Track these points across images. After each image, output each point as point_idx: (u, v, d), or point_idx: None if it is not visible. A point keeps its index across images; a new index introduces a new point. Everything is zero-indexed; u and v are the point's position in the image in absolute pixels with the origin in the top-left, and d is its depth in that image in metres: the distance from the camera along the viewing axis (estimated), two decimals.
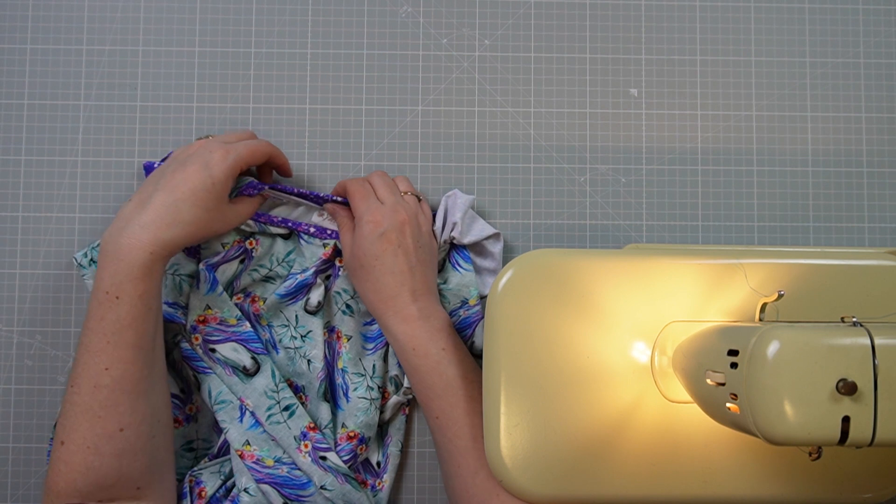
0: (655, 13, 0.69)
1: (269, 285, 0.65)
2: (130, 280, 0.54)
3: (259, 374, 0.62)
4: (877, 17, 0.69)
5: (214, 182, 0.57)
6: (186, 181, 0.56)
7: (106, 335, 0.54)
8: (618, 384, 0.56)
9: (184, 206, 0.56)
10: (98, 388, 0.54)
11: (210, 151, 0.58)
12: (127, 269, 0.54)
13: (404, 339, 0.60)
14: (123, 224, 0.55)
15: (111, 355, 0.54)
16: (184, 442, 0.64)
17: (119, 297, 0.54)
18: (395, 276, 0.60)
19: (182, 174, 0.57)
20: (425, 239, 0.62)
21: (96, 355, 0.54)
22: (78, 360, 0.55)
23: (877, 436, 0.41)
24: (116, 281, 0.54)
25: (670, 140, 0.68)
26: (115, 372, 0.54)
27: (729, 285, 0.56)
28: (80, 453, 0.53)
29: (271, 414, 0.61)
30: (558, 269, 0.57)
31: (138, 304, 0.54)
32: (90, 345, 0.54)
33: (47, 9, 0.67)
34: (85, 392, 0.54)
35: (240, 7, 0.68)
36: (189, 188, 0.56)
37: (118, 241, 0.54)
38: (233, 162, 0.58)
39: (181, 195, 0.56)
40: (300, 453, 0.61)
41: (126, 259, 0.54)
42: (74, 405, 0.54)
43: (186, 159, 0.58)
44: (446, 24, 0.68)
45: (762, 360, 0.42)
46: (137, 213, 0.55)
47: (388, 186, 0.63)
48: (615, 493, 0.55)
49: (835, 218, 0.68)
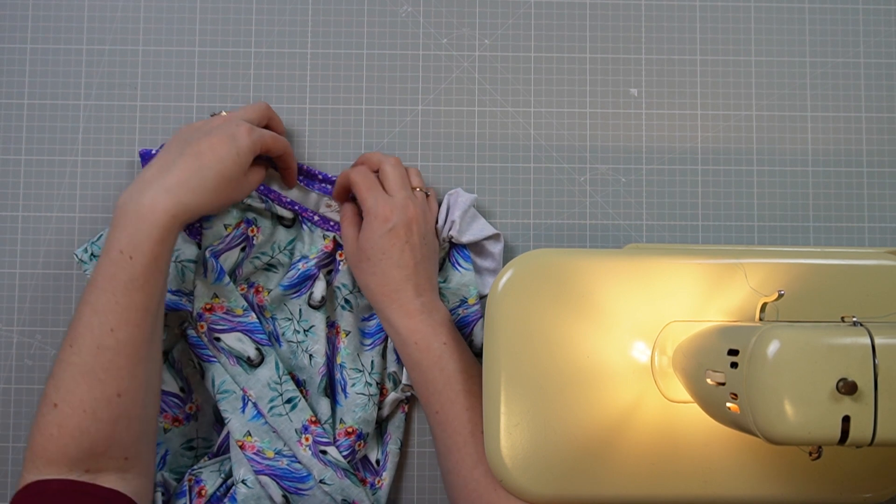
0: (655, 13, 0.69)
1: (271, 274, 0.65)
2: (149, 241, 0.53)
3: (263, 365, 0.62)
4: (877, 17, 0.69)
5: (239, 153, 0.57)
6: (213, 149, 0.56)
7: (115, 295, 0.53)
8: (618, 384, 0.56)
9: (209, 172, 0.56)
10: (101, 349, 0.52)
11: (236, 125, 0.58)
12: (147, 230, 0.53)
13: (406, 333, 0.60)
14: (144, 186, 0.55)
15: (119, 316, 0.53)
16: (184, 441, 0.64)
17: (133, 257, 0.53)
18: (400, 270, 0.60)
19: (208, 142, 0.57)
20: (430, 236, 0.62)
21: (103, 315, 0.52)
22: (79, 319, 0.53)
23: (877, 435, 0.41)
24: (134, 241, 0.53)
25: (670, 140, 0.68)
26: (120, 334, 0.53)
27: (729, 285, 0.56)
28: (76, 417, 0.52)
29: (273, 406, 0.62)
30: (558, 269, 0.57)
31: (152, 266, 0.54)
32: (97, 303, 0.53)
33: (47, 9, 0.67)
34: (86, 353, 0.52)
35: (240, 7, 0.68)
36: (215, 156, 0.56)
37: (139, 202, 0.54)
38: (258, 138, 0.59)
39: (207, 162, 0.56)
40: (301, 446, 0.61)
41: (147, 219, 0.53)
42: (73, 366, 0.52)
43: (211, 130, 0.58)
44: (446, 24, 0.68)
45: (762, 360, 0.42)
46: (160, 176, 0.55)
47: (399, 180, 0.62)
48: (615, 492, 0.55)
49: (835, 218, 0.68)
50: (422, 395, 0.61)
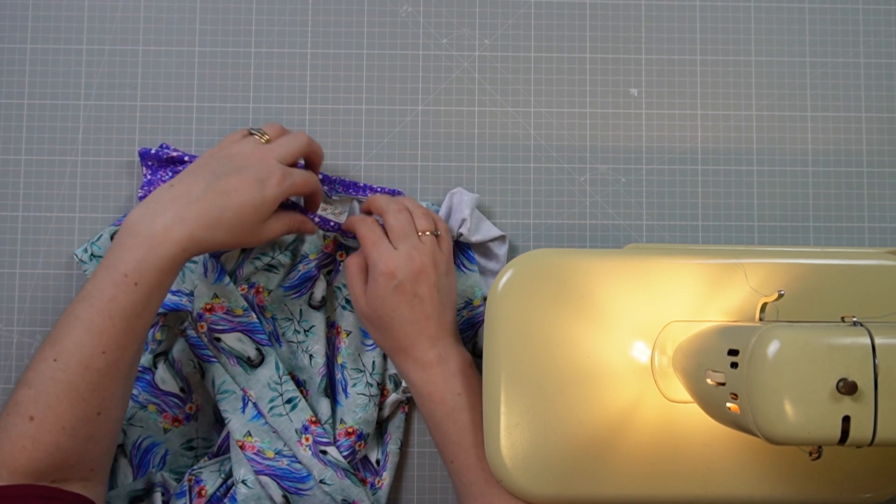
0: (655, 13, 0.69)
1: (272, 275, 0.65)
2: (156, 270, 0.52)
3: (263, 365, 0.62)
4: (877, 17, 0.69)
5: (265, 201, 0.56)
6: (239, 191, 0.55)
7: (113, 318, 0.52)
8: (618, 384, 0.56)
9: (229, 213, 0.55)
10: (89, 369, 0.51)
11: (269, 171, 0.56)
12: (156, 259, 0.52)
13: (420, 385, 0.59)
14: (161, 210, 0.53)
15: (113, 339, 0.52)
16: (184, 441, 0.64)
17: (138, 283, 0.52)
18: (412, 325, 0.58)
19: (236, 181, 0.55)
20: (443, 280, 0.60)
21: (96, 336, 0.51)
22: (68, 335, 0.52)
23: (877, 435, 0.41)
24: (141, 267, 0.52)
25: (670, 140, 0.68)
26: (110, 356, 0.52)
27: (729, 285, 0.56)
28: (54, 434, 0.51)
29: (274, 406, 0.62)
30: (558, 269, 0.57)
31: (154, 294, 0.53)
32: (91, 324, 0.52)
33: (47, 9, 0.67)
34: (73, 372, 0.51)
35: (240, 7, 0.68)
36: (239, 200, 0.55)
37: (152, 226, 0.53)
38: (288, 189, 0.57)
39: (229, 203, 0.54)
40: (301, 446, 0.61)
41: (158, 248, 0.52)
42: (58, 383, 0.51)
43: (244, 168, 0.56)
44: (446, 24, 0.68)
45: (762, 360, 0.42)
46: (180, 204, 0.54)
47: (403, 229, 0.59)
48: (615, 493, 0.55)
49: (835, 218, 0.68)
50: (437, 444, 0.60)
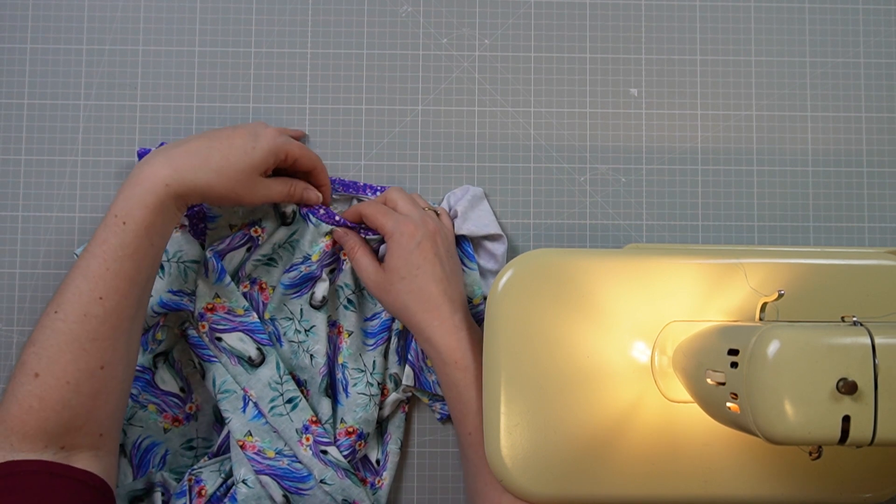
0: (655, 13, 0.69)
1: (272, 269, 0.65)
2: (140, 207, 0.53)
3: (264, 365, 0.62)
4: (877, 17, 0.70)
5: (255, 148, 0.58)
6: (230, 137, 0.58)
7: (107, 261, 0.52)
8: (618, 384, 0.56)
9: (216, 154, 0.56)
10: (88, 317, 0.51)
11: (265, 126, 0.60)
12: (140, 196, 0.53)
13: (447, 351, 0.59)
14: (152, 157, 0.56)
15: (108, 284, 0.52)
16: (183, 441, 0.64)
17: (126, 222, 0.53)
18: (437, 283, 0.59)
19: (229, 131, 0.58)
20: (452, 249, 0.63)
21: (93, 281, 0.52)
22: (69, 284, 0.52)
23: (877, 435, 0.41)
24: (127, 206, 0.53)
25: (670, 140, 0.68)
26: (108, 303, 0.52)
27: (729, 285, 0.56)
28: (59, 389, 0.51)
29: (274, 406, 0.62)
30: (558, 269, 0.57)
31: (142, 235, 0.53)
32: (88, 269, 0.52)
33: (47, 9, 0.67)
34: (73, 320, 0.51)
35: (240, 7, 0.68)
36: (229, 143, 0.57)
37: (141, 168, 0.55)
38: (282, 143, 0.60)
39: (218, 144, 0.57)
40: (301, 446, 0.61)
41: (142, 185, 0.54)
42: (58, 333, 0.51)
43: (239, 125, 0.60)
44: (446, 24, 0.68)
45: (762, 360, 0.42)
46: (170, 147, 0.56)
47: (409, 200, 0.63)
48: (615, 492, 0.55)
49: (835, 218, 0.68)
50: (456, 415, 0.60)
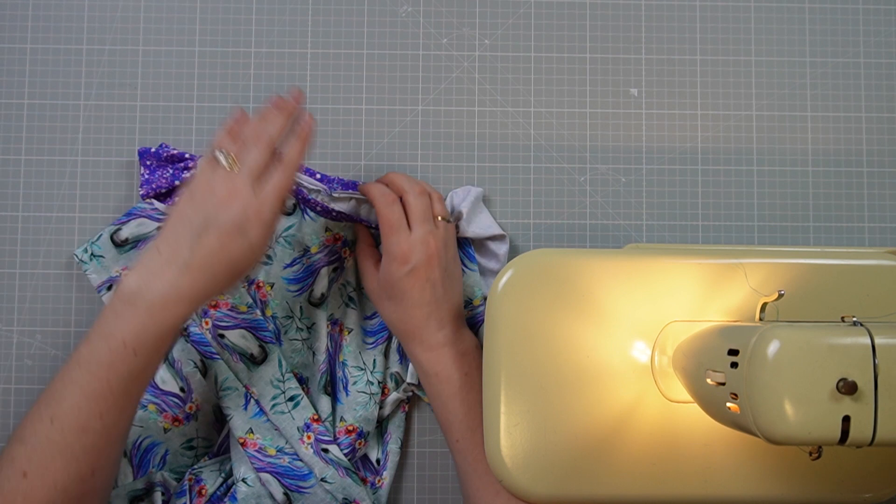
0: (655, 13, 0.69)
1: (269, 268, 0.65)
2: (155, 339, 0.52)
3: (266, 362, 0.63)
4: (877, 17, 0.70)
5: (252, 248, 0.53)
6: (225, 248, 0.52)
7: (111, 383, 0.51)
8: (618, 384, 0.56)
9: (222, 273, 0.53)
10: (86, 431, 0.51)
11: (245, 210, 0.53)
12: (155, 329, 0.52)
13: (428, 365, 0.60)
14: (154, 278, 0.52)
15: (110, 403, 0.51)
16: (184, 440, 0.64)
17: (137, 352, 0.51)
18: (421, 308, 0.60)
19: (216, 239, 0.52)
20: (452, 266, 0.62)
21: (94, 400, 0.51)
22: (65, 396, 0.51)
23: (877, 435, 0.41)
24: (142, 337, 0.51)
25: (670, 140, 0.68)
26: (107, 419, 0.51)
27: (729, 285, 0.56)
28: (45, 491, 0.50)
29: (276, 403, 0.62)
30: (558, 269, 0.57)
31: (153, 360, 0.53)
32: (88, 388, 0.51)
33: (47, 9, 0.67)
34: (69, 433, 0.51)
35: (240, 7, 0.68)
36: (227, 258, 0.53)
37: (149, 298, 0.51)
38: (269, 217, 0.54)
39: (218, 266, 0.53)
40: (303, 444, 0.61)
41: (157, 317, 0.51)
42: (52, 443, 0.50)
43: (219, 218, 0.53)
44: (446, 24, 0.68)
45: (762, 360, 0.42)
46: (172, 272, 0.52)
47: (423, 212, 0.61)
48: (615, 492, 0.55)
49: (835, 218, 0.68)
50: (443, 423, 0.61)
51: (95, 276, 0.64)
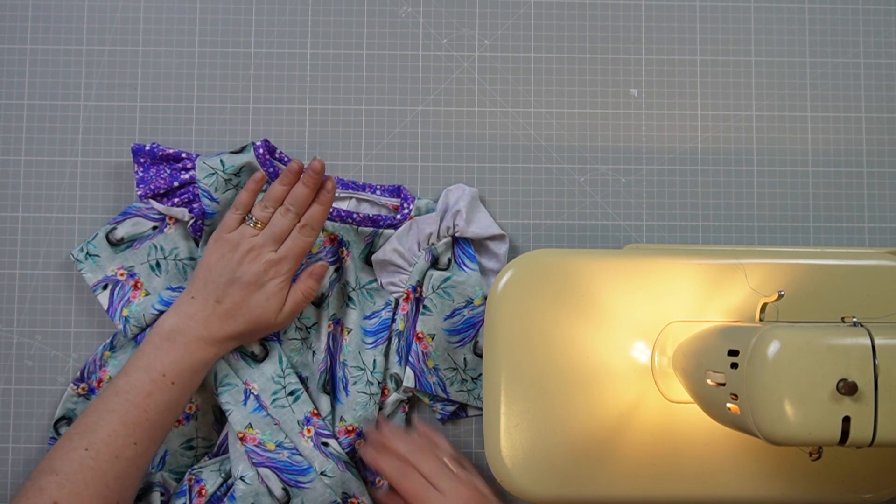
0: (655, 13, 0.69)
1: None
2: (192, 372, 0.58)
3: (267, 360, 0.63)
4: (877, 17, 0.69)
5: (269, 304, 0.60)
6: (247, 304, 0.59)
7: (148, 412, 0.56)
8: (618, 384, 0.56)
9: (245, 325, 0.60)
10: (119, 459, 0.54)
11: (265, 267, 0.59)
12: (192, 363, 0.58)
13: None
14: (191, 320, 0.58)
15: (146, 433, 0.56)
16: (183, 440, 0.64)
17: (175, 382, 0.57)
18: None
19: (241, 294, 0.59)
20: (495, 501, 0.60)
21: (130, 427, 0.55)
22: (102, 426, 0.55)
23: (877, 436, 0.41)
24: (179, 369, 0.57)
25: (670, 140, 0.68)
26: (140, 448, 0.55)
27: (729, 285, 0.56)
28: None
29: (277, 398, 0.62)
30: (558, 269, 0.57)
31: (187, 392, 0.58)
32: (126, 415, 0.55)
33: (47, 9, 0.67)
34: (103, 460, 0.54)
35: (240, 7, 0.68)
36: (249, 313, 0.59)
37: (186, 336, 0.58)
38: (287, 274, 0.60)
39: (242, 317, 0.59)
40: (303, 438, 0.61)
41: (195, 354, 0.58)
42: (86, 469, 0.53)
43: (242, 277, 0.59)
44: (446, 24, 0.68)
45: (762, 360, 0.42)
46: (205, 316, 0.59)
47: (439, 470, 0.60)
48: (615, 492, 0.55)
49: (835, 218, 0.68)
50: None
51: (91, 275, 0.64)
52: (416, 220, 0.65)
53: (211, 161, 0.63)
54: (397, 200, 0.66)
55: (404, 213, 0.66)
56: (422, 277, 0.64)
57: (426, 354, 0.63)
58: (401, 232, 0.65)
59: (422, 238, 0.64)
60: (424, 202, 0.66)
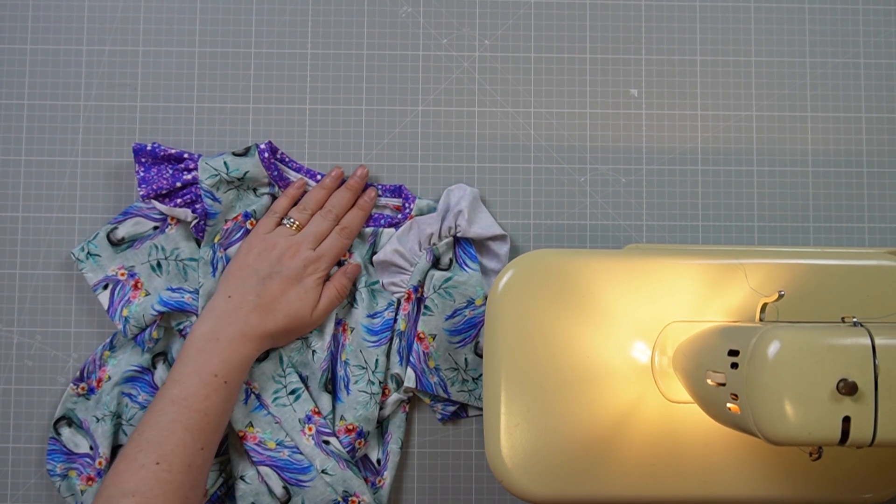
0: (655, 13, 0.69)
1: None
2: (239, 369, 0.59)
3: (267, 359, 0.63)
4: (877, 17, 0.70)
5: (307, 297, 0.61)
6: (285, 297, 0.61)
7: (209, 416, 0.56)
8: (618, 384, 0.56)
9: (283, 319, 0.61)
10: (192, 467, 0.54)
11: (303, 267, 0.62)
12: (239, 359, 0.59)
13: None
14: (230, 319, 0.59)
15: (210, 437, 0.56)
16: None
17: (227, 381, 0.58)
18: None
19: (279, 288, 0.61)
20: None
21: (196, 434, 0.55)
22: (166, 437, 0.54)
23: (877, 436, 0.41)
24: (228, 367, 0.58)
25: (670, 140, 0.68)
26: (206, 453, 0.56)
27: (729, 285, 0.56)
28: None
29: (277, 396, 0.62)
30: (558, 269, 0.57)
31: (238, 389, 0.59)
32: (189, 422, 0.55)
33: (47, 9, 0.67)
34: (178, 471, 0.54)
35: (240, 7, 0.68)
36: (287, 307, 0.61)
37: (229, 334, 0.59)
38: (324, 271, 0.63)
39: (281, 311, 0.61)
40: (304, 436, 0.61)
41: (240, 350, 0.59)
42: (164, 483, 0.53)
43: (281, 271, 0.61)
44: (446, 24, 0.68)
45: (763, 360, 0.42)
46: (243, 313, 0.60)
47: None
48: (615, 493, 0.55)
49: (835, 218, 0.68)
50: None
51: (91, 274, 0.64)
52: (417, 220, 0.65)
53: (214, 162, 0.63)
54: (399, 200, 0.66)
55: (405, 213, 0.66)
56: (423, 277, 0.64)
57: (427, 354, 0.63)
58: (401, 232, 0.65)
59: (423, 238, 0.64)
60: (426, 202, 0.66)
